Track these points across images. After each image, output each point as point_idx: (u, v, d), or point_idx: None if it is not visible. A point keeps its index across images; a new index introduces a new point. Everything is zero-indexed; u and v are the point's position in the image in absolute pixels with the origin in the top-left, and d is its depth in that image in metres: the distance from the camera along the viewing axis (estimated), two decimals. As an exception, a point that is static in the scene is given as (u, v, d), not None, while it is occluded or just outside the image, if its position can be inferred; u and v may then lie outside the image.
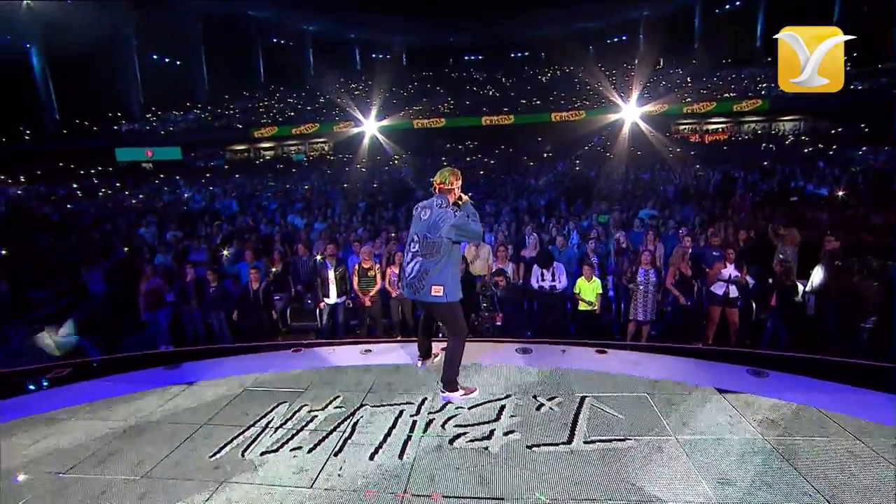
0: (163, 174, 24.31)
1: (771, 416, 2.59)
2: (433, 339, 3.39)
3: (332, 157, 30.18)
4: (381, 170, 21.63)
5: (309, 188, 17.17)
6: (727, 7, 35.76)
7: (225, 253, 6.92)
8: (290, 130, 30.27)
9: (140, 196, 17.18)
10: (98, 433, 2.69)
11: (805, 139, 23.93)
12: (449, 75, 39.65)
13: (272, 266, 6.15)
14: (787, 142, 24.39)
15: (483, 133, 29.75)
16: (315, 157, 31.24)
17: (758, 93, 27.02)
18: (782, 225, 6.22)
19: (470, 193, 3.10)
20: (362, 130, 26.38)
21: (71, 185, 20.28)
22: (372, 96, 28.38)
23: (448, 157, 25.01)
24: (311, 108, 33.04)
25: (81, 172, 24.84)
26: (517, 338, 4.22)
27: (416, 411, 2.74)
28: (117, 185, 20.82)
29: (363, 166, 22.87)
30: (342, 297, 5.53)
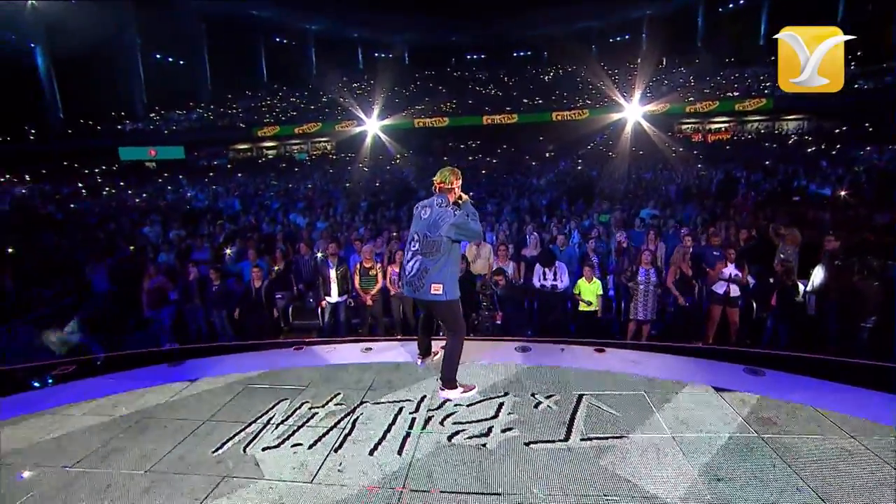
0: (166, 173, 24.50)
1: (767, 414, 2.61)
2: (433, 337, 3.42)
3: (335, 156, 30.31)
4: (383, 169, 21.68)
5: (311, 187, 17.27)
6: (730, 6, 35.63)
7: (227, 252, 6.98)
8: (292, 130, 30.37)
9: (143, 195, 17.30)
10: (103, 429, 2.73)
11: (808, 138, 23.80)
12: (451, 74, 39.68)
13: (274, 265, 6.19)
14: (790, 141, 24.28)
15: (485, 132, 29.74)
16: (317, 157, 31.37)
17: (761, 92, 26.86)
18: (784, 225, 6.21)
19: (470, 193, 3.12)
20: (364, 130, 26.46)
21: (75, 185, 20.42)
22: (374, 96, 28.41)
23: (450, 157, 25.06)
24: (313, 108, 33.14)
25: (85, 172, 25.03)
26: (517, 337, 4.24)
27: (416, 408, 2.77)
28: (121, 184, 20.97)
29: (365, 165, 22.93)
30: (344, 296, 5.56)
